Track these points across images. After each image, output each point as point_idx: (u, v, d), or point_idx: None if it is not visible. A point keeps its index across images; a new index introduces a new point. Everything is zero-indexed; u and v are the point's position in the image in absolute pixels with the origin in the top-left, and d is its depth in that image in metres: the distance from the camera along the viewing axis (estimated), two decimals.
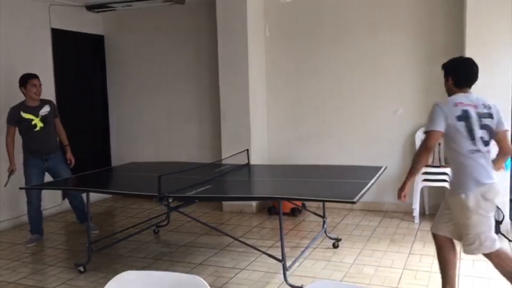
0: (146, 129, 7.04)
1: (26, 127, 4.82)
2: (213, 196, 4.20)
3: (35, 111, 4.82)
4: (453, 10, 5.29)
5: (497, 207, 4.80)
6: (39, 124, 4.82)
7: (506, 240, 4.55)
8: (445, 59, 5.51)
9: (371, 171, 4.27)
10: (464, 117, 2.93)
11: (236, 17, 5.81)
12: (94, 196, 5.69)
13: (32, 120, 4.79)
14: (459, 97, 3.02)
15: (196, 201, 4.20)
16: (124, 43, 7.06)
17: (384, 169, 4.45)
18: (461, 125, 2.92)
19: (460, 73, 3.11)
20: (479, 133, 2.94)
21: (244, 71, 5.83)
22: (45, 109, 4.87)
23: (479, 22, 4.85)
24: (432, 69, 5.48)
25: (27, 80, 4.78)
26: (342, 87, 5.92)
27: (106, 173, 5.58)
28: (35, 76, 4.84)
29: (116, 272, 1.79)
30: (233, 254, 4.46)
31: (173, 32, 6.72)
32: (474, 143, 2.93)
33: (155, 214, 5.53)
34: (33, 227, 5.04)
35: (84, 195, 4.72)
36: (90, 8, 6.51)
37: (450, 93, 3.15)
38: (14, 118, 4.80)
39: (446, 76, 3.15)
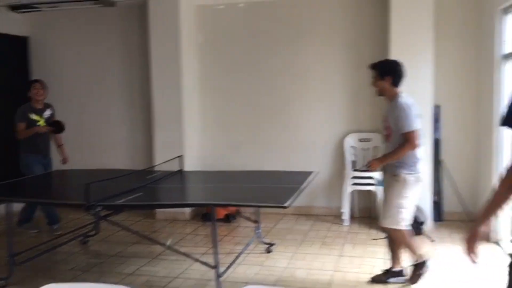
0: (74, 134, 6.73)
1: (32, 127, 5.21)
2: (144, 204, 4.09)
3: (40, 113, 5.29)
4: (378, 21, 5.55)
5: (419, 208, 5.08)
6: (43, 125, 5.28)
7: (429, 241, 4.80)
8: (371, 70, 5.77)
9: (302, 176, 4.36)
10: (418, 115, 3.46)
11: (169, 22, 5.75)
12: (18, 206, 5.36)
13: (38, 121, 5.25)
14: (407, 97, 3.47)
15: (126, 209, 4.09)
16: (51, 45, 6.75)
17: (316, 175, 4.58)
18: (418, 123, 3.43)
19: (398, 73, 3.51)
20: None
21: (177, 77, 5.78)
22: (47, 112, 5.36)
23: (402, 33, 5.13)
24: (359, 77, 5.73)
25: (31, 85, 5.34)
26: (275, 94, 6.02)
27: (29, 181, 5.27)
28: (36, 81, 5.41)
29: (40, 286, 1.69)
30: (165, 262, 4.38)
31: (104, 35, 6.52)
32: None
33: (83, 223, 5.31)
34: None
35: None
36: (14, 8, 6.17)
37: (388, 93, 3.50)
38: (24, 117, 5.19)
39: (383, 74, 3.49)
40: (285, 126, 6.03)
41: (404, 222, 3.54)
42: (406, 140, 3.38)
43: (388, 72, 3.51)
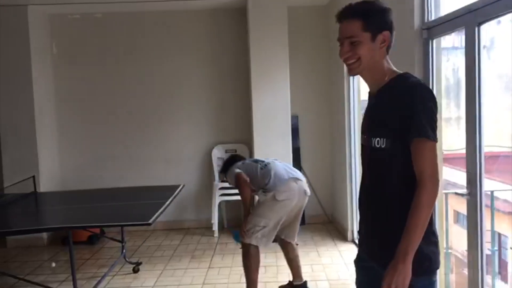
0: None
1: None
2: None
3: None
4: (240, 36, 5.71)
5: None
6: None
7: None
8: (233, 80, 5.94)
9: (169, 190, 4.30)
10: (246, 160, 3.91)
11: (16, 30, 5.25)
12: None
13: None
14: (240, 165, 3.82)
15: None
16: None
17: (182, 187, 4.53)
18: (247, 162, 3.84)
19: (237, 160, 3.91)
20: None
21: (28, 90, 5.29)
22: None
23: (260, 49, 5.31)
24: (223, 88, 5.85)
25: None
26: (140, 108, 5.84)
27: None
28: None
29: None
30: None
31: None
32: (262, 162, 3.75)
33: None
34: None
35: None
36: None
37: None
38: None
39: (228, 170, 3.84)
40: (151, 140, 5.87)
41: (259, 239, 3.51)
42: (239, 187, 3.68)
43: (229, 167, 3.83)
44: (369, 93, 1.84)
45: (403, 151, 1.62)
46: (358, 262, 1.91)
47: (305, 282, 3.80)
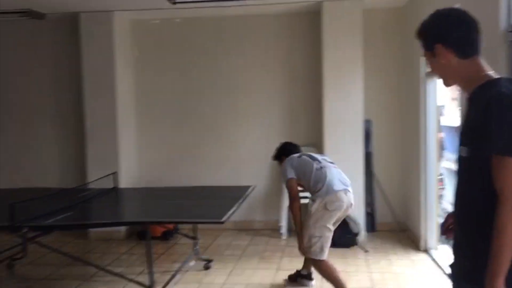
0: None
1: None
2: (74, 224, 3.90)
3: None
4: (312, 37, 5.71)
5: (354, 220, 5.21)
6: None
7: (362, 251, 4.95)
8: (305, 83, 5.94)
9: (240, 191, 4.38)
10: (303, 155, 3.88)
11: (102, 35, 5.61)
12: None
13: None
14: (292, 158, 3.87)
15: (56, 230, 3.89)
16: None
17: (253, 189, 4.61)
18: (304, 158, 3.80)
19: (287, 150, 4.01)
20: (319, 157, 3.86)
21: (111, 91, 5.63)
22: None
23: (334, 50, 5.31)
24: (294, 91, 5.87)
25: None
26: (212, 109, 6.01)
27: None
28: None
29: None
30: (98, 284, 4.21)
31: (33, 48, 6.21)
32: (319, 163, 3.73)
33: (9, 246, 4.99)
34: None
35: None
36: None
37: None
38: None
39: (280, 157, 4.01)
40: (223, 141, 6.03)
41: (318, 252, 3.57)
42: (289, 197, 3.76)
43: (281, 154, 4.02)
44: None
45: (481, 163, 1.54)
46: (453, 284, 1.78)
47: (310, 273, 3.96)
